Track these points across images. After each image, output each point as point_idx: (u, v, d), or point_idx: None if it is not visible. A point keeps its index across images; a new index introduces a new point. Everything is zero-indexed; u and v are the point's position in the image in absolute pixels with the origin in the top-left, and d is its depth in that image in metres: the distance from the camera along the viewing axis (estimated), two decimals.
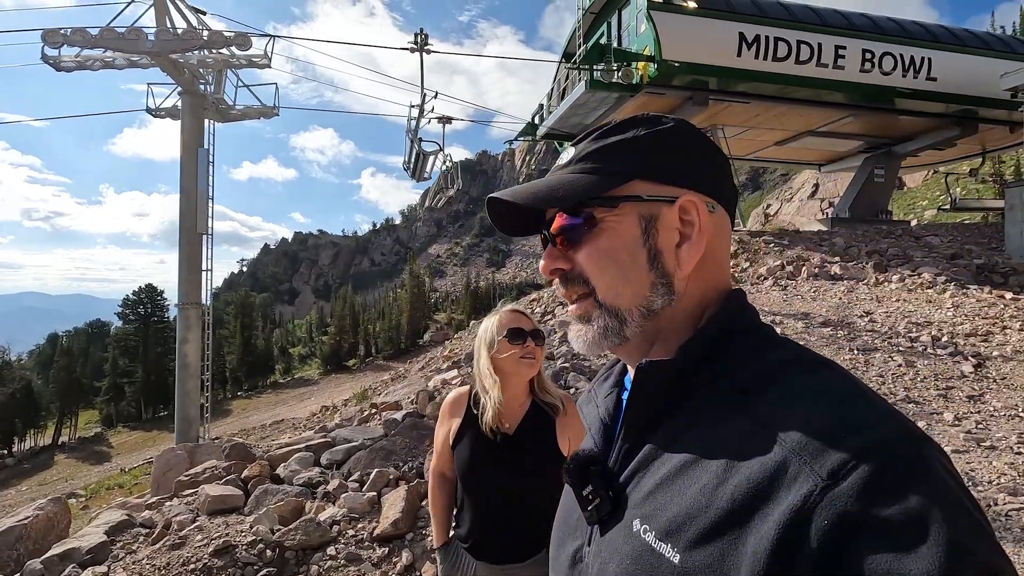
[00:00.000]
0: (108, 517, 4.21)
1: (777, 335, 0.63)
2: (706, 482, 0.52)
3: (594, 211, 0.64)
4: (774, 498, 0.46)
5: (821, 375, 0.55)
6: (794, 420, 0.50)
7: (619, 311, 0.63)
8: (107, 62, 13.41)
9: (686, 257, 0.63)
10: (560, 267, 0.67)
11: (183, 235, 13.28)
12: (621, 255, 0.63)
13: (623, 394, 0.72)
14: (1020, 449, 4.62)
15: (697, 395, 0.60)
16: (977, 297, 9.03)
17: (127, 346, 55.89)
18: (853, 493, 0.43)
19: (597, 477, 0.63)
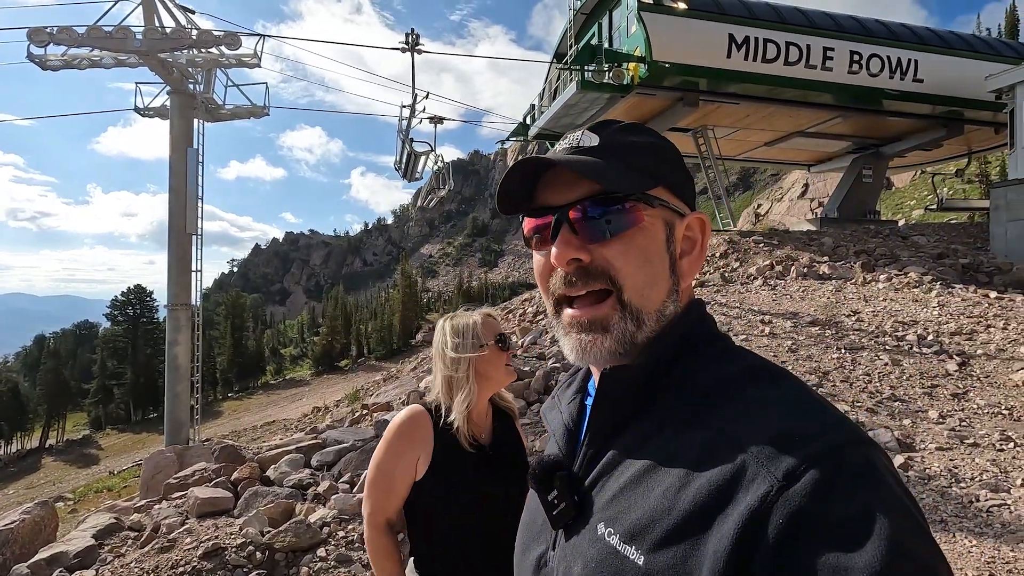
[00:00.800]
0: (96, 520, 4.18)
1: (735, 345, 0.66)
2: (668, 485, 0.54)
3: (639, 206, 0.62)
4: (733, 499, 0.49)
5: (779, 385, 0.58)
6: (753, 427, 0.53)
7: (641, 314, 0.62)
8: (94, 61, 13.27)
9: (687, 270, 0.66)
10: (579, 257, 0.62)
11: (172, 235, 13.17)
12: (655, 256, 0.63)
13: (587, 400, 0.73)
14: (1002, 446, 4.70)
15: (660, 402, 0.61)
16: (962, 296, 9.15)
17: (116, 347, 55.36)
18: (806, 493, 0.46)
19: (562, 482, 0.64)
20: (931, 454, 4.61)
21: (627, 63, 13.66)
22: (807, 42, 14.34)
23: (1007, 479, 4.17)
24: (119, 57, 12.98)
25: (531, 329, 9.27)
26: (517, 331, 9.70)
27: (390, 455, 1.51)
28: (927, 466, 4.39)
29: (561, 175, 0.65)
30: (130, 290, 57.66)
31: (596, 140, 0.65)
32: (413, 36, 13.46)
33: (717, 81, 14.09)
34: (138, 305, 57.26)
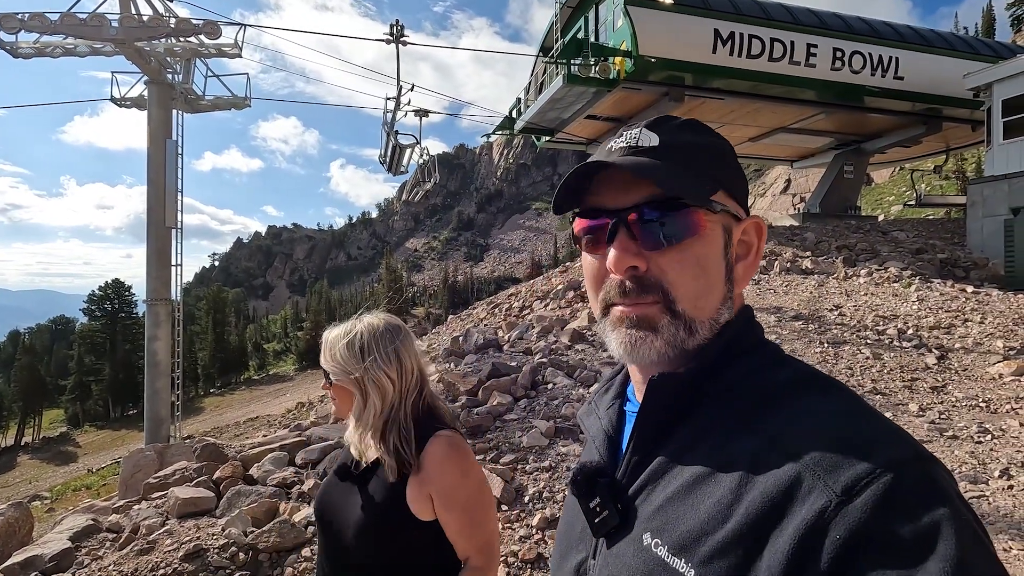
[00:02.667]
0: (73, 522, 4.08)
1: (785, 353, 0.64)
2: (720, 496, 0.53)
3: (699, 212, 0.60)
4: (789, 512, 0.48)
5: (831, 395, 0.57)
6: (807, 437, 0.51)
7: (693, 324, 0.60)
8: (68, 49, 12.86)
9: (742, 275, 0.64)
10: (636, 265, 0.60)
11: (151, 229, 12.88)
12: (712, 265, 0.61)
13: (625, 405, 0.72)
14: (980, 438, 4.80)
15: (708, 409, 0.60)
16: (940, 291, 9.32)
17: (94, 343, 54.35)
18: (867, 509, 0.45)
19: (605, 489, 0.63)
20: None
21: (613, 57, 13.65)
22: (791, 38, 14.45)
23: (985, 471, 4.25)
24: (94, 45, 12.60)
25: (517, 324, 9.25)
26: (503, 326, 9.68)
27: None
28: None
29: (617, 175, 0.63)
30: (108, 285, 56.55)
31: (656, 140, 0.62)
32: (398, 28, 13.29)
33: (702, 76, 14.15)
34: (116, 300, 56.22)
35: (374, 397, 1.36)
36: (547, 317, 8.87)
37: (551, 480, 4.22)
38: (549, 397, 5.72)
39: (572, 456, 4.53)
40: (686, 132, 0.64)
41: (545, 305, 11.15)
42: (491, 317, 12.25)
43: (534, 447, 4.69)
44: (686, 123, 0.66)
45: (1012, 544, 3.31)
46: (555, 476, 4.28)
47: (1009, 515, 3.66)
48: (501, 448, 4.76)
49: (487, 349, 7.59)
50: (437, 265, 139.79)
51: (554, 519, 3.77)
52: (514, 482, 4.21)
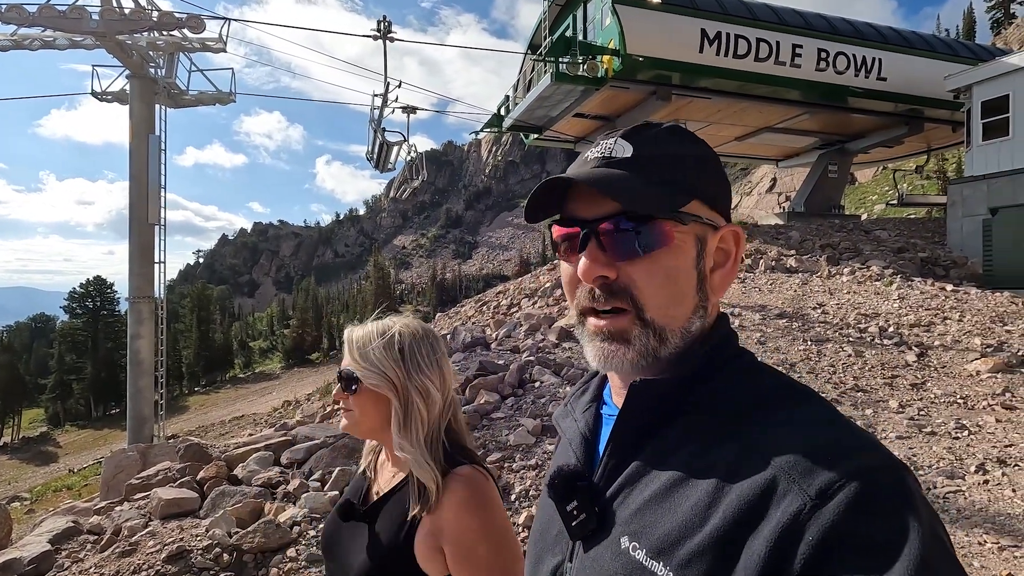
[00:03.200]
0: (53, 524, 4.02)
1: (760, 362, 0.66)
2: (697, 500, 0.54)
3: (669, 225, 0.60)
4: (765, 516, 0.49)
5: (808, 404, 0.58)
6: (784, 444, 0.53)
7: (664, 332, 0.61)
8: (47, 42, 12.59)
9: (719, 284, 0.64)
10: (606, 274, 0.61)
11: (134, 226, 12.68)
12: (681, 276, 0.61)
13: (602, 408, 0.73)
14: (957, 434, 4.90)
15: (688, 416, 0.61)
16: (921, 289, 9.49)
17: (75, 341, 53.42)
18: (840, 512, 0.46)
19: (582, 492, 0.63)
20: (891, 443, 4.77)
21: (601, 56, 13.67)
22: (777, 39, 14.57)
23: (962, 466, 4.35)
24: (74, 38, 12.35)
25: (505, 322, 9.25)
26: (491, 324, 9.68)
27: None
28: None
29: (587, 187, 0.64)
30: (89, 282, 55.61)
31: (630, 151, 0.63)
32: (385, 23, 13.20)
33: (689, 76, 14.22)
34: (98, 297, 55.30)
35: (420, 408, 1.16)
36: (535, 315, 8.89)
37: (538, 478, 4.24)
38: (536, 395, 5.74)
39: None
40: (664, 141, 0.64)
41: (533, 303, 11.17)
42: (479, 315, 12.24)
43: (521, 445, 4.71)
44: (666, 130, 0.66)
45: (987, 538, 3.39)
46: (541, 474, 4.30)
47: (984, 509, 3.74)
48: (488, 447, 4.77)
49: (475, 347, 7.60)
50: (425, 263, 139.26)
51: None
52: (501, 480, 4.22)
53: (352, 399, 1.19)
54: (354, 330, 1.24)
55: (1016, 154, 12.35)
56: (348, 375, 1.19)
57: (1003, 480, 4.09)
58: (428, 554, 1.07)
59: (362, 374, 1.17)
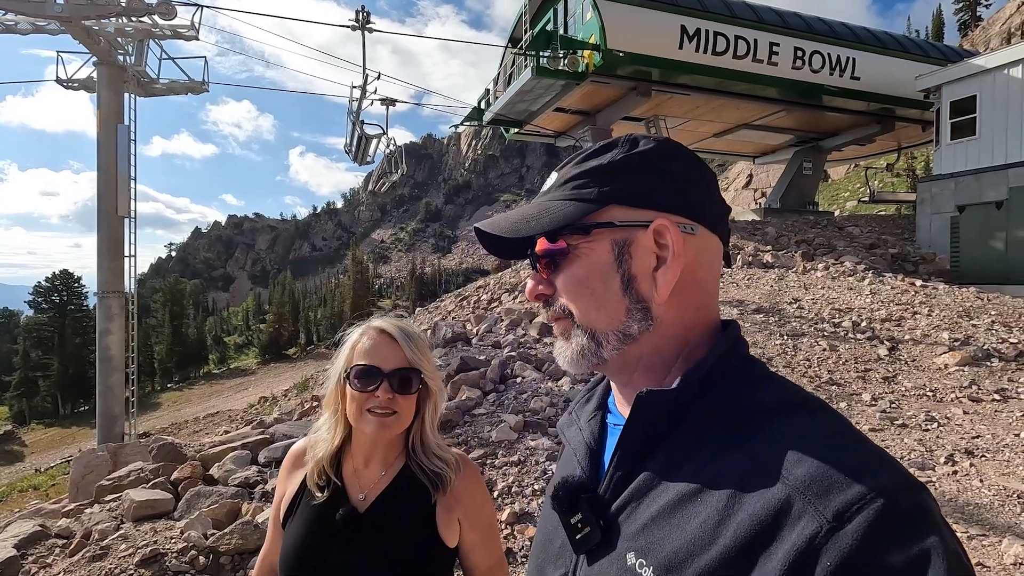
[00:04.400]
0: (18, 528, 3.87)
1: (771, 371, 0.64)
2: (707, 517, 0.52)
3: (569, 239, 0.65)
4: (779, 536, 0.47)
5: (820, 417, 0.57)
6: (797, 459, 0.51)
7: (596, 335, 0.64)
8: (8, 26, 12.08)
9: (662, 281, 0.62)
10: (543, 292, 0.68)
11: (102, 218, 12.28)
12: (594, 281, 0.64)
13: (608, 417, 0.72)
14: (927, 426, 5.04)
15: (695, 426, 0.59)
16: (892, 284, 9.73)
17: (41, 337, 51.77)
18: (858, 536, 0.45)
19: (587, 505, 0.62)
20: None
21: (582, 51, 13.67)
22: (755, 36, 14.77)
23: (932, 457, 4.47)
24: (37, 23, 11.88)
25: (486, 317, 9.22)
26: (472, 319, 9.64)
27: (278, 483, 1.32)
28: None
29: None
30: (55, 275, 53.89)
31: (553, 179, 0.70)
32: (364, 14, 12.96)
33: (669, 72, 14.33)
34: (65, 292, 53.64)
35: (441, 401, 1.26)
36: (516, 310, 8.87)
37: (520, 474, 4.24)
38: (518, 391, 5.73)
39: (540, 450, 4.56)
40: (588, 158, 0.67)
41: (514, 298, 11.15)
42: (459, 310, 12.18)
43: (503, 441, 4.70)
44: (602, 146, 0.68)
45: (956, 527, 3.49)
46: (524, 470, 4.30)
47: (954, 500, 3.86)
48: (470, 443, 4.75)
49: (455, 343, 7.55)
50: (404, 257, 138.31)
51: (523, 514, 3.79)
52: (483, 477, 4.20)
53: (402, 399, 1.16)
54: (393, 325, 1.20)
55: (982, 153, 12.74)
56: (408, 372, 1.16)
57: (971, 471, 4.22)
58: (446, 527, 1.19)
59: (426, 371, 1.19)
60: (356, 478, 1.21)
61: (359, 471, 1.22)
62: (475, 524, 1.24)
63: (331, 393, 1.21)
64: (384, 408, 1.14)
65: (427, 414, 1.22)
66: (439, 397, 1.25)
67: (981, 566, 3.11)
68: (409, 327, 1.21)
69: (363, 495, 1.20)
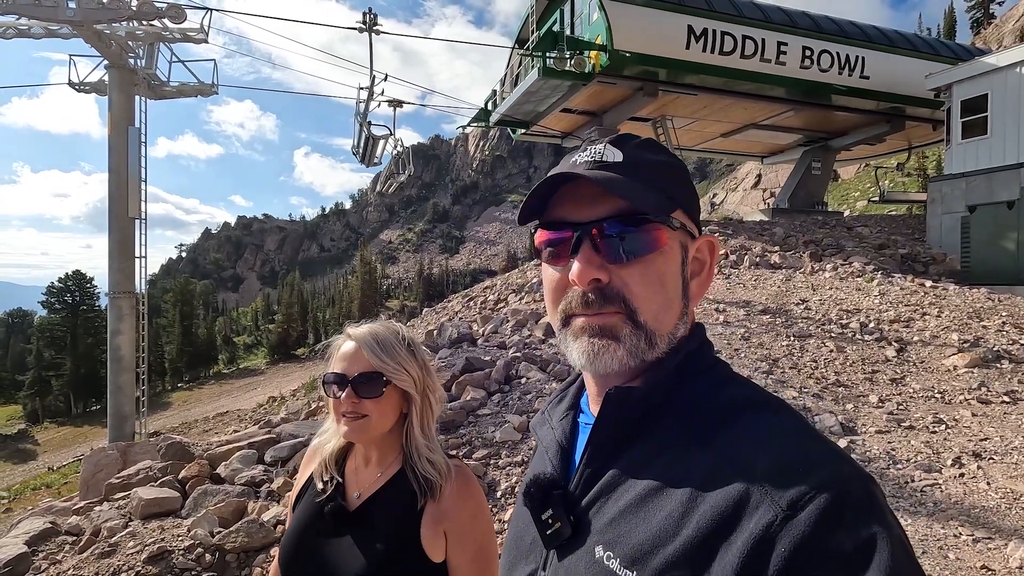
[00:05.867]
0: (30, 525, 3.94)
1: (733, 372, 0.67)
2: (671, 510, 0.54)
3: (661, 228, 0.61)
4: (738, 527, 0.50)
5: (779, 415, 0.59)
6: (757, 455, 0.54)
7: (654, 337, 0.61)
8: (22, 30, 12.26)
9: (697, 291, 0.66)
10: (599, 277, 0.61)
11: (113, 220, 12.42)
12: (671, 280, 0.63)
13: (579, 417, 0.73)
14: (935, 428, 4.99)
15: (663, 425, 0.61)
16: (901, 285, 9.64)
17: (53, 337, 52.38)
18: (811, 523, 0.47)
19: (558, 501, 0.63)
20: (871, 437, 4.85)
21: (589, 51, 13.66)
22: (763, 36, 14.68)
23: (939, 459, 4.43)
24: (50, 27, 12.04)
25: (492, 317, 9.24)
26: (478, 319, 9.66)
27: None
28: (867, 449, 4.62)
29: (582, 189, 0.64)
30: (68, 276, 54.49)
31: (620, 156, 0.63)
32: (371, 16, 13.03)
33: (676, 72, 14.28)
34: (77, 292, 54.23)
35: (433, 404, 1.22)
36: (522, 311, 8.89)
37: (524, 475, 4.25)
38: (522, 392, 5.74)
39: None
40: (646, 150, 0.66)
41: (520, 299, 11.17)
42: (466, 310, 12.21)
43: (507, 442, 4.71)
44: (645, 142, 0.67)
45: (962, 530, 3.46)
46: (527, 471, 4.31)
47: (960, 502, 3.82)
48: (474, 443, 4.77)
49: (461, 343, 7.58)
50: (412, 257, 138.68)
51: None
52: (487, 477, 4.22)
53: (369, 403, 1.16)
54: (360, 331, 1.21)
55: (994, 152, 12.59)
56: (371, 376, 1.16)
57: (978, 473, 4.18)
58: (432, 539, 1.13)
59: (392, 374, 1.16)
60: (356, 476, 1.24)
61: (359, 470, 1.25)
62: (461, 542, 1.14)
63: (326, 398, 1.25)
64: (351, 412, 1.15)
65: (414, 416, 1.20)
66: (428, 399, 1.22)
67: (986, 569, 3.08)
68: (381, 332, 1.21)
69: (358, 493, 1.21)
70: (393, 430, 1.21)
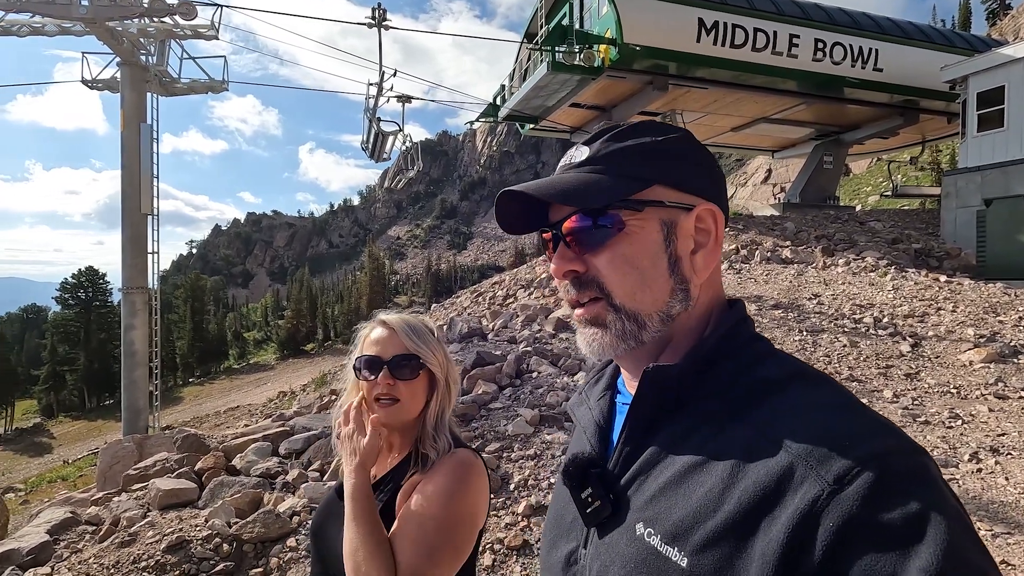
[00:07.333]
0: (50, 515, 4.01)
1: (776, 348, 0.66)
2: (712, 485, 0.54)
3: (620, 214, 0.64)
4: (781, 502, 0.49)
5: (822, 388, 0.58)
6: (799, 428, 0.53)
7: (638, 315, 0.64)
8: (35, 28, 12.39)
9: (702, 264, 0.65)
10: (574, 269, 0.66)
11: (126, 216, 12.54)
12: (643, 260, 0.64)
13: (616, 396, 0.74)
14: (951, 423, 4.95)
15: (701, 401, 0.61)
16: (915, 280, 9.54)
17: (67, 332, 53.04)
18: (858, 497, 0.46)
19: (597, 480, 0.64)
20: None
21: (598, 45, 13.58)
22: (774, 28, 14.53)
23: (955, 455, 4.39)
24: (63, 25, 12.15)
25: (501, 313, 9.25)
26: (487, 314, 9.68)
27: None
28: None
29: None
30: (81, 272, 55.10)
31: (585, 154, 0.67)
32: (380, 11, 13.03)
33: (686, 65, 14.17)
34: (90, 288, 54.81)
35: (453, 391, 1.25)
36: (531, 306, 8.89)
37: (536, 468, 4.26)
38: (534, 385, 5.75)
39: (557, 444, 4.57)
40: (622, 137, 0.67)
41: (529, 294, 11.17)
42: (475, 306, 12.23)
43: (519, 435, 4.72)
44: (630, 127, 0.68)
45: (980, 525, 3.43)
46: (540, 464, 4.32)
47: (977, 497, 3.79)
48: (486, 437, 4.78)
49: (471, 338, 7.59)
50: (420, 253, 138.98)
51: (539, 507, 3.81)
52: (499, 470, 4.23)
53: (403, 386, 1.18)
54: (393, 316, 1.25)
55: (1011, 145, 12.39)
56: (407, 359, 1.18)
57: (996, 468, 4.14)
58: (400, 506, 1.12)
59: (426, 357, 1.19)
60: (379, 460, 1.27)
61: (383, 455, 1.28)
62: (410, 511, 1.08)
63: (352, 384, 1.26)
64: (386, 395, 1.18)
65: (433, 403, 1.23)
66: (447, 388, 1.25)
67: (1006, 564, 3.05)
68: (412, 319, 1.25)
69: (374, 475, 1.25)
70: (418, 417, 1.24)
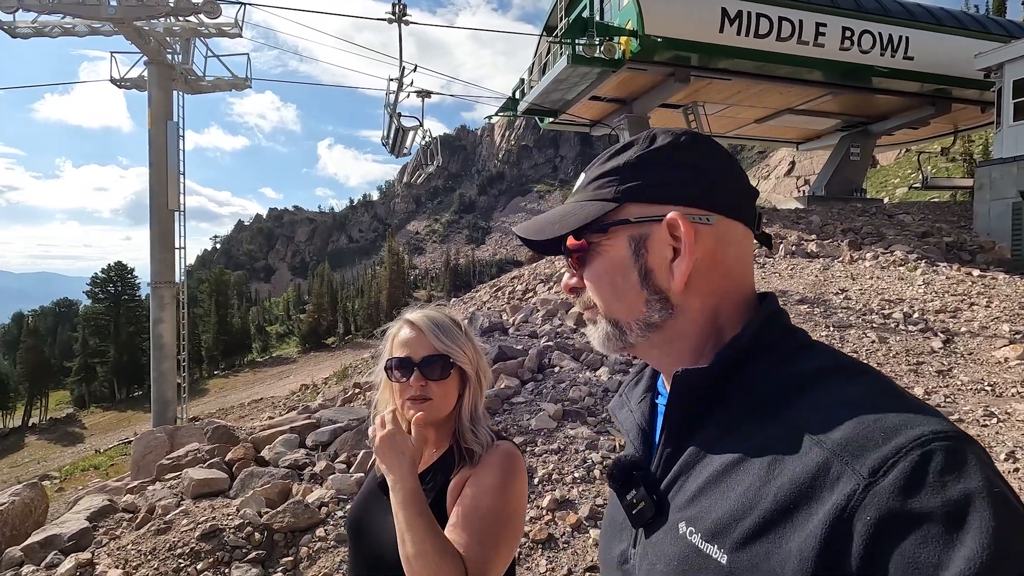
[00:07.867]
0: (89, 502, 4.14)
1: (812, 340, 0.65)
2: (749, 484, 0.55)
3: (590, 237, 0.69)
4: (818, 498, 0.49)
5: (859, 380, 0.58)
6: (835, 423, 0.52)
7: (619, 323, 0.69)
8: (66, 28, 12.70)
9: (677, 273, 0.66)
10: (575, 286, 0.74)
11: (154, 212, 12.84)
12: (613, 275, 0.68)
13: (657, 399, 0.76)
14: (986, 422, 4.82)
15: (736, 400, 0.62)
16: (946, 274, 9.29)
17: (97, 325, 54.58)
18: (895, 488, 0.45)
19: (640, 482, 0.66)
20: None
21: (619, 37, 13.43)
22: (800, 17, 14.20)
23: (991, 454, 4.27)
24: (93, 25, 12.44)
25: (521, 307, 9.26)
26: (507, 309, 9.69)
27: None
28: None
29: None
30: (110, 267, 56.59)
31: (581, 180, 0.74)
32: (400, 7, 13.06)
33: (709, 56, 13.94)
34: (119, 282, 56.27)
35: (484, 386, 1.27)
36: (551, 300, 8.87)
37: (560, 462, 4.27)
38: (556, 380, 5.75)
39: (580, 439, 4.57)
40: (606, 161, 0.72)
41: (549, 288, 11.15)
42: (494, 300, 12.25)
43: (542, 430, 4.73)
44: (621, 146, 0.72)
45: None
46: (564, 458, 4.33)
47: None
48: (509, 431, 4.80)
49: (493, 332, 7.62)
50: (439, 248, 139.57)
51: (564, 501, 3.83)
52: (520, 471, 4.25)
53: (435, 385, 1.20)
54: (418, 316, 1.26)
55: None
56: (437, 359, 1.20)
57: None
58: (452, 501, 1.15)
59: (456, 355, 1.21)
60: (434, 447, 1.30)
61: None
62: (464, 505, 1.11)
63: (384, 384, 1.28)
64: (418, 396, 1.20)
65: (466, 398, 1.25)
66: (479, 382, 1.27)
67: None
68: (439, 317, 1.27)
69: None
70: (452, 411, 1.25)
